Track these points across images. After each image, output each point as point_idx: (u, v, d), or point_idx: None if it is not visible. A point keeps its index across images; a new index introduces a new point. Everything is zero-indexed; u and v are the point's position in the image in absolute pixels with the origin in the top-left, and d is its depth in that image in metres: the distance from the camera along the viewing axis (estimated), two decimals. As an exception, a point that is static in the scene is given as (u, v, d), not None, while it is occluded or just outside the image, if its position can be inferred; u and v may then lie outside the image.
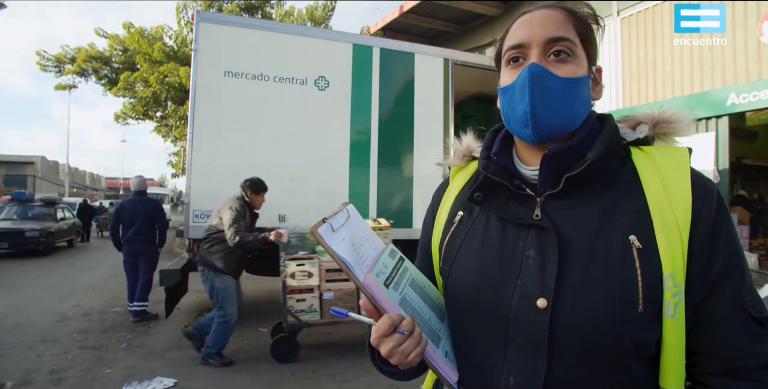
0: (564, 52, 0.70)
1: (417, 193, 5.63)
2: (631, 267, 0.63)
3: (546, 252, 0.68)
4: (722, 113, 6.10)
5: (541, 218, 0.71)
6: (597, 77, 0.77)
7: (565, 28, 0.71)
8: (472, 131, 0.94)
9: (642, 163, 0.71)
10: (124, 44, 12.90)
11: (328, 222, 0.65)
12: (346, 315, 0.71)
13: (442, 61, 5.83)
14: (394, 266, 0.72)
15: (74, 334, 4.75)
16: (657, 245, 0.64)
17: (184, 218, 4.86)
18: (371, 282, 0.64)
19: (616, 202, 0.69)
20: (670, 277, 0.63)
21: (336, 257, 0.63)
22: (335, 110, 5.31)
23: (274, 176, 5.04)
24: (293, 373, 3.74)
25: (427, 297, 0.76)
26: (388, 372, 0.79)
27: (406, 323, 0.64)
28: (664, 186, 0.68)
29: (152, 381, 3.53)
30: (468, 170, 0.89)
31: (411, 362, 0.65)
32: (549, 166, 0.71)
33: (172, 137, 13.74)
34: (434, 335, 0.73)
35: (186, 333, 4.24)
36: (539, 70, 0.69)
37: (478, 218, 0.79)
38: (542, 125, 0.69)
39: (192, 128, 4.78)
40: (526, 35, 0.71)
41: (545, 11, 0.72)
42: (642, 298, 0.63)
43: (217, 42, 4.90)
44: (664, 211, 0.66)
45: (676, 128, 0.74)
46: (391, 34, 11.63)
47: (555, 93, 0.69)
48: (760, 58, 6.11)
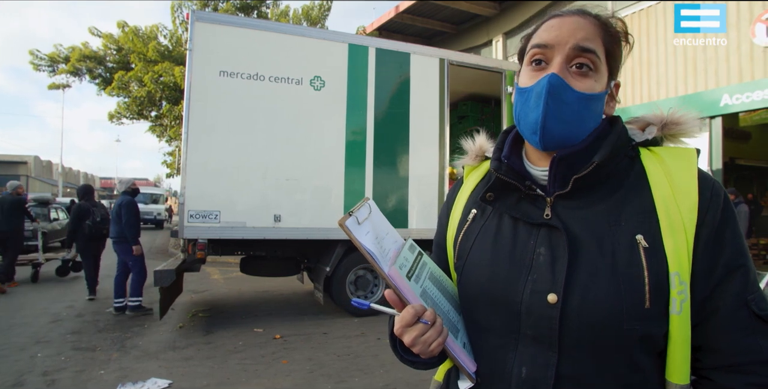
0: (587, 66, 0.71)
1: (412, 193, 5.63)
2: (638, 266, 0.66)
3: (556, 250, 0.70)
4: (716, 113, 6.15)
5: (552, 217, 0.73)
6: (614, 93, 0.78)
7: (594, 40, 0.71)
8: (480, 130, 0.97)
9: (650, 164, 0.73)
10: (118, 43, 12.83)
11: (354, 216, 0.67)
12: (368, 305, 0.72)
13: (437, 62, 5.83)
14: (414, 260, 0.75)
15: (67, 335, 4.71)
16: (663, 245, 0.66)
17: (179, 218, 4.84)
18: (395, 274, 0.67)
19: (624, 202, 0.71)
20: (676, 275, 0.65)
21: (362, 249, 0.65)
22: (331, 110, 5.30)
23: (269, 176, 5.04)
24: (288, 374, 3.73)
25: (444, 291, 0.79)
26: (409, 361, 0.81)
27: (429, 313, 0.67)
28: (671, 186, 0.69)
29: (146, 382, 3.50)
30: (481, 169, 0.92)
31: (432, 351, 0.68)
32: (558, 168, 0.73)
33: (167, 137, 13.67)
34: (453, 326, 0.75)
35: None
36: (559, 82, 0.69)
37: (491, 216, 0.82)
38: (550, 135, 0.71)
39: (187, 127, 4.76)
40: (554, 38, 0.72)
41: (578, 18, 0.72)
42: (649, 295, 0.65)
43: (212, 41, 4.89)
44: (671, 211, 0.67)
45: (684, 129, 0.76)
46: (386, 34, 11.63)
47: (569, 107, 0.70)
48: (753, 60, 6.16)
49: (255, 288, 7.30)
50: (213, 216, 4.80)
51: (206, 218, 4.78)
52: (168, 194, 27.12)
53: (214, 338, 4.65)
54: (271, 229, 5.02)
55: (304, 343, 4.51)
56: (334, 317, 5.50)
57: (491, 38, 10.72)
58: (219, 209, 4.83)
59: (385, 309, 0.72)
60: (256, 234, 4.98)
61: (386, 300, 0.71)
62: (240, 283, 7.80)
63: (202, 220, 4.77)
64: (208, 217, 4.79)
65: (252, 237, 5.01)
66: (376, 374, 3.74)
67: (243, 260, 5.82)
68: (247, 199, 4.96)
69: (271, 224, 5.01)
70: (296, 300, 6.58)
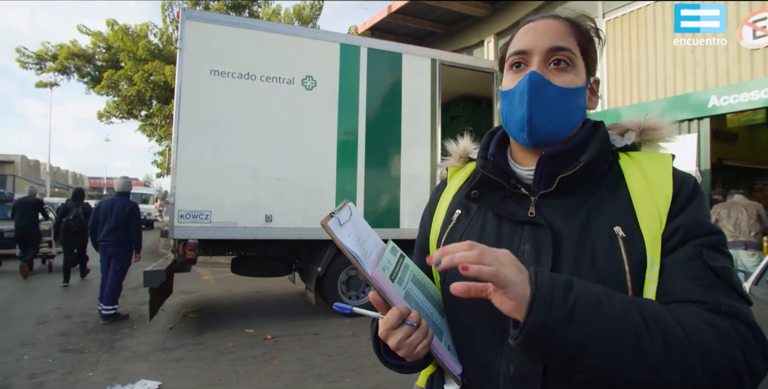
0: (564, 62, 0.74)
1: (404, 193, 5.63)
2: (617, 257, 0.67)
3: (540, 247, 0.72)
4: (704, 114, 6.23)
5: (536, 215, 0.75)
6: (594, 88, 0.81)
7: (567, 38, 0.75)
8: (465, 132, 0.99)
9: (628, 166, 0.76)
10: (107, 42, 12.69)
11: (335, 217, 0.67)
12: (350, 310, 0.72)
13: (429, 62, 5.84)
14: (397, 262, 0.74)
15: (55, 337, 4.65)
16: (641, 231, 0.68)
17: (169, 218, 4.80)
18: (379, 275, 0.66)
19: (602, 199, 0.73)
20: (650, 258, 0.67)
21: (345, 251, 0.65)
22: (322, 110, 5.29)
23: (260, 176, 5.02)
24: (280, 375, 3.71)
25: (427, 293, 0.78)
26: (394, 364, 0.80)
27: (414, 315, 0.67)
28: (647, 183, 0.72)
29: (136, 383, 3.47)
30: (465, 170, 0.93)
31: (418, 354, 0.68)
32: (545, 166, 0.75)
33: (158, 137, 13.56)
34: (437, 329, 0.75)
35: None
36: (538, 78, 0.73)
37: (476, 215, 0.83)
38: (537, 130, 0.73)
39: (177, 127, 4.72)
40: (530, 43, 0.75)
41: (549, 21, 0.76)
42: (630, 285, 0.66)
43: (203, 40, 4.85)
44: (646, 201, 0.70)
45: (660, 134, 0.80)
46: (379, 34, 11.63)
47: (552, 101, 0.73)
48: (740, 62, 6.25)
49: (246, 289, 7.27)
50: (204, 216, 4.77)
51: (197, 218, 4.75)
52: (158, 195, 26.87)
53: (205, 339, 4.61)
54: (262, 229, 5.00)
55: (295, 344, 4.49)
56: (325, 317, 5.48)
57: (483, 39, 10.77)
58: (210, 209, 4.80)
59: (368, 312, 0.72)
60: (247, 234, 4.96)
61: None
62: (231, 283, 7.75)
63: (192, 220, 4.74)
64: (198, 217, 4.75)
65: (243, 237, 4.99)
66: (368, 374, 3.73)
67: (234, 260, 5.79)
68: (238, 199, 4.93)
69: (262, 224, 4.99)
70: (288, 301, 6.56)
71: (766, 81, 5.73)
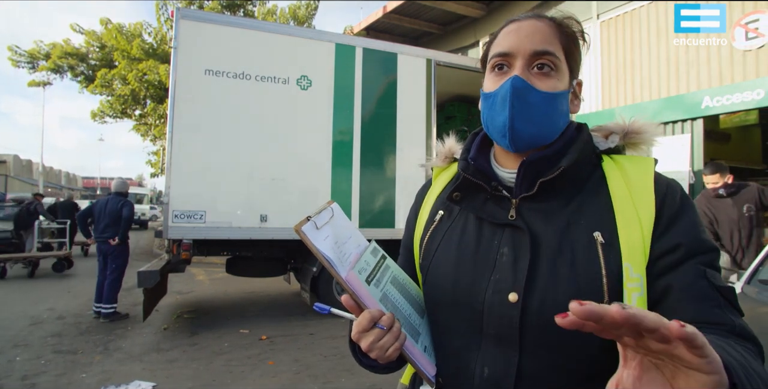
0: (547, 66, 0.73)
1: (399, 193, 5.63)
2: (594, 262, 0.67)
3: (519, 250, 0.71)
4: (697, 115, 6.26)
5: (516, 218, 0.75)
6: (577, 91, 0.80)
7: (552, 41, 0.73)
8: (454, 132, 0.99)
9: (611, 170, 0.75)
10: (101, 41, 12.61)
11: (312, 220, 0.67)
12: (328, 310, 0.73)
13: (425, 62, 5.84)
14: (376, 264, 0.74)
15: (48, 338, 4.62)
16: (619, 238, 0.67)
17: (163, 218, 4.77)
18: (353, 279, 0.66)
19: (584, 203, 0.73)
20: (627, 267, 0.65)
21: (319, 255, 0.64)
22: (317, 110, 5.28)
23: (255, 176, 5.00)
24: (275, 375, 3.71)
25: (407, 294, 0.78)
26: (368, 365, 0.80)
27: (386, 318, 0.67)
28: (629, 188, 0.71)
29: (129, 384, 3.45)
30: (450, 171, 0.92)
31: (390, 356, 0.68)
32: (526, 171, 0.74)
33: (152, 136, 13.49)
34: (414, 330, 0.75)
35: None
36: (522, 84, 0.71)
37: (458, 217, 0.83)
38: (519, 136, 0.72)
39: (171, 127, 4.69)
40: (513, 45, 0.73)
41: (534, 22, 0.74)
42: (607, 290, 0.65)
43: (197, 40, 4.83)
44: (626, 208, 0.69)
45: (644, 138, 0.79)
46: (374, 34, 11.61)
47: (535, 107, 0.72)
48: (733, 63, 6.29)
49: (241, 289, 7.25)
50: (198, 216, 4.75)
51: (191, 218, 4.73)
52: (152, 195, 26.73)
53: (200, 339, 4.60)
54: (257, 229, 4.98)
55: (290, 344, 4.49)
56: (320, 317, 5.48)
57: (478, 39, 10.78)
58: (204, 209, 4.78)
59: (343, 313, 0.72)
60: (242, 234, 4.94)
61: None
62: (226, 284, 7.73)
63: (187, 220, 4.72)
64: (193, 217, 4.73)
65: (238, 237, 4.97)
66: (363, 374, 3.73)
67: (229, 260, 5.77)
68: (232, 199, 4.91)
69: (257, 224, 4.97)
70: (283, 301, 6.54)
71: (758, 82, 5.77)
